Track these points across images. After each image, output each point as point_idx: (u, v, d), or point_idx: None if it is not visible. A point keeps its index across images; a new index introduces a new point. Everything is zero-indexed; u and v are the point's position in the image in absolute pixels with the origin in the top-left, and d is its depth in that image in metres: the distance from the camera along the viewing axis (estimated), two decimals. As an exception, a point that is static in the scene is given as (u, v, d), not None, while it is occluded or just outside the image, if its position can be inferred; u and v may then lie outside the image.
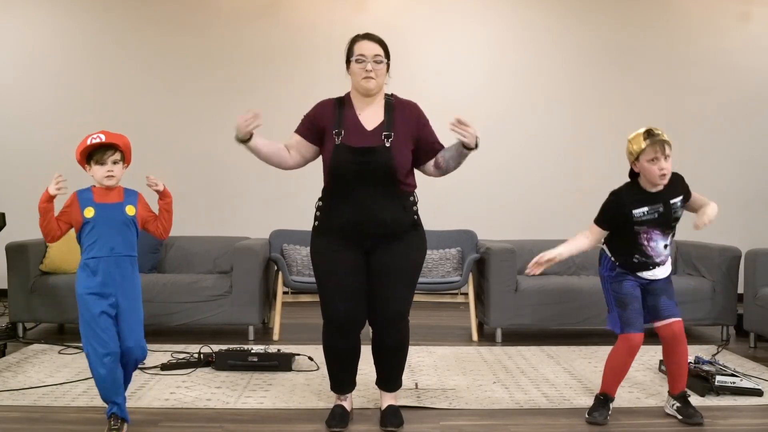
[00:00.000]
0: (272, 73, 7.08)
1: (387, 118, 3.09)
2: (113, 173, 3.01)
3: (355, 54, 3.07)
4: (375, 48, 3.06)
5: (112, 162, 3.00)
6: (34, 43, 7.04)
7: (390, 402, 3.29)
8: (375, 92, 3.10)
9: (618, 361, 3.30)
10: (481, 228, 6.11)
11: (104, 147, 2.99)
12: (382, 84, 3.11)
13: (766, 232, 7.05)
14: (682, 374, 3.33)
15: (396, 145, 3.04)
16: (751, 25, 7.22)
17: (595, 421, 3.25)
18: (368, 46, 3.06)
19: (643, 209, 3.21)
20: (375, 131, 3.07)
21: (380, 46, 3.08)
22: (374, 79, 3.05)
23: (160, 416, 3.31)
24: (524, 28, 7.19)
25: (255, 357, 4.13)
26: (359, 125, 3.08)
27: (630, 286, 3.28)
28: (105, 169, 2.99)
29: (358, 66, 3.06)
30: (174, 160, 7.06)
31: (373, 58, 3.04)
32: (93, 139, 2.99)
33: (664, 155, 3.13)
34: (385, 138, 3.04)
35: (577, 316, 5.05)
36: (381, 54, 3.06)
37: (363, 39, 3.09)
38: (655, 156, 3.12)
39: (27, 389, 3.69)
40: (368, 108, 3.12)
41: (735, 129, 7.22)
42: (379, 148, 3.01)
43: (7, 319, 5.22)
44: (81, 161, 3.04)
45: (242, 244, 5.18)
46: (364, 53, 3.04)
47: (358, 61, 3.05)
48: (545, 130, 7.17)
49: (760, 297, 4.81)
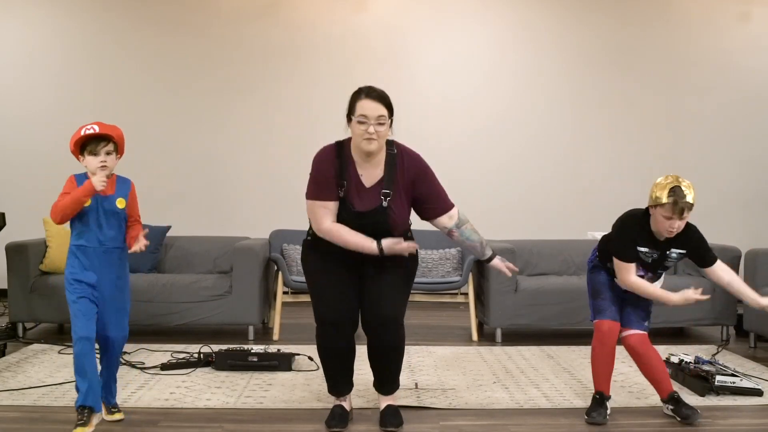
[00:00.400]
0: (272, 73, 7.08)
1: (387, 174, 3.05)
2: (106, 163, 3.04)
3: (357, 114, 2.95)
4: (378, 109, 2.95)
5: (105, 153, 3.04)
6: (34, 43, 7.04)
7: (389, 402, 3.29)
8: (377, 153, 3.04)
9: (595, 351, 3.35)
10: (481, 228, 6.05)
11: (98, 138, 3.04)
12: (382, 144, 3.03)
13: (766, 232, 7.05)
14: (659, 379, 3.35)
15: (394, 204, 3.03)
16: (751, 25, 7.22)
17: (595, 421, 3.25)
18: (371, 107, 2.95)
19: (644, 249, 3.25)
20: (373, 189, 3.04)
21: (384, 106, 2.98)
22: (376, 140, 2.96)
23: (159, 416, 3.31)
24: (524, 28, 7.19)
25: (255, 357, 4.13)
26: (359, 182, 3.05)
27: (605, 278, 3.39)
28: (98, 159, 3.03)
29: (359, 127, 2.95)
30: (174, 160, 7.06)
31: (376, 120, 2.94)
32: (87, 130, 3.03)
33: (680, 218, 3.10)
34: (384, 197, 3.02)
35: (577, 316, 5.05)
36: (384, 115, 2.96)
37: (366, 98, 2.97)
38: (672, 216, 3.09)
39: (27, 389, 3.69)
40: (368, 164, 3.07)
41: (735, 129, 7.21)
42: (377, 209, 3.01)
43: (6, 319, 5.22)
44: (74, 151, 3.09)
45: (242, 244, 5.18)
46: (367, 114, 2.94)
47: (360, 122, 2.95)
48: (545, 130, 7.17)
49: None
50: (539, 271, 5.56)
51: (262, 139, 7.03)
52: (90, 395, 3.00)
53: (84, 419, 2.97)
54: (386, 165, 3.06)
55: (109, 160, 3.05)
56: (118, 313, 3.15)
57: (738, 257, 5.12)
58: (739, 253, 5.13)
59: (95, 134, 3.03)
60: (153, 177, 6.97)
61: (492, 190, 7.12)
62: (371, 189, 3.04)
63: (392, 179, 3.05)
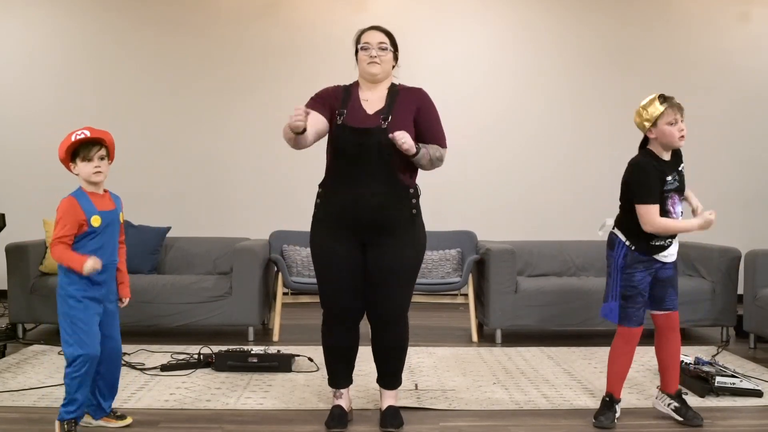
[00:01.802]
0: (272, 73, 7.08)
1: (388, 102, 3.15)
2: (101, 169, 2.96)
3: (362, 42, 3.18)
4: (380, 36, 3.17)
5: (99, 158, 2.96)
6: (34, 43, 7.04)
7: (390, 402, 3.30)
8: (380, 78, 3.17)
9: (616, 352, 3.30)
10: (481, 229, 6.11)
11: (90, 143, 2.95)
12: (387, 71, 3.18)
13: (766, 233, 7.04)
14: (676, 367, 3.34)
15: (393, 127, 3.05)
16: (750, 25, 7.21)
17: (602, 425, 3.22)
18: (373, 35, 3.18)
19: (672, 176, 3.21)
20: (375, 114, 3.13)
21: (385, 35, 3.18)
22: (379, 64, 3.13)
23: (160, 417, 3.32)
24: (524, 28, 7.18)
25: (255, 358, 4.13)
26: (362, 109, 3.15)
27: (641, 278, 3.21)
28: (92, 165, 2.95)
29: (363, 53, 3.16)
30: (174, 160, 7.06)
31: (377, 45, 3.14)
32: (78, 135, 2.94)
33: (682, 118, 3.17)
34: (383, 120, 3.08)
35: (577, 317, 5.05)
36: (386, 42, 3.16)
37: (369, 29, 3.21)
38: (675, 117, 3.15)
39: (27, 390, 3.69)
40: (372, 94, 3.19)
41: (735, 129, 7.21)
42: (375, 128, 3.06)
43: (7, 319, 5.22)
44: (65, 159, 2.99)
45: (242, 245, 5.18)
46: (369, 41, 3.16)
47: (363, 48, 3.16)
48: (545, 130, 7.17)
49: (760, 298, 4.81)
50: (539, 271, 5.56)
51: (262, 139, 7.03)
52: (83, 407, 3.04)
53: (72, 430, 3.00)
54: (388, 96, 3.17)
55: (102, 166, 2.97)
56: (118, 323, 3.17)
57: (738, 258, 5.12)
58: (739, 254, 5.13)
59: (87, 139, 2.94)
60: (153, 177, 6.98)
61: (492, 190, 7.12)
62: (373, 115, 3.12)
63: (392, 106, 3.14)
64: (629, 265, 3.22)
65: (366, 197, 3.05)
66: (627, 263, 3.22)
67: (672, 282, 3.30)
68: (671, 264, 3.29)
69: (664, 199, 3.18)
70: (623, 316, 3.24)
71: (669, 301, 3.29)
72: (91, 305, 3.00)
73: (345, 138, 3.09)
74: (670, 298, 3.29)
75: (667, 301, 3.29)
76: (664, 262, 3.26)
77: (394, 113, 3.11)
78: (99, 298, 3.02)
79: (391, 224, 3.10)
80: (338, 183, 3.12)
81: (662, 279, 3.28)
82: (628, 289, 3.22)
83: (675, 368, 3.35)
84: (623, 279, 3.22)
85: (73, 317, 2.97)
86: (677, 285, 3.34)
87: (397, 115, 3.11)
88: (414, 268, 3.21)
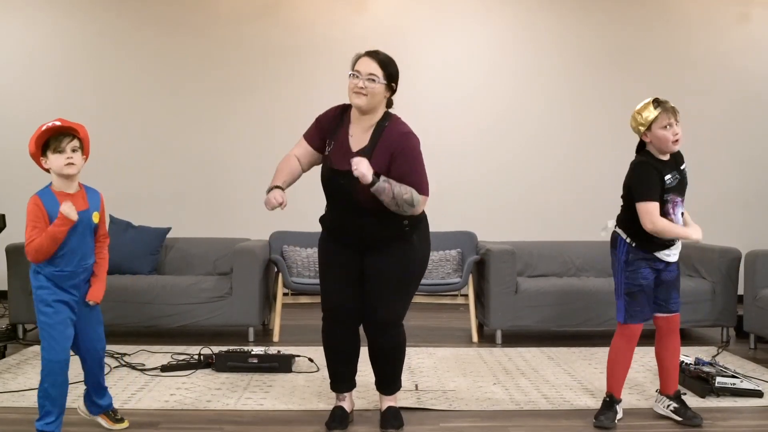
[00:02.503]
0: (272, 73, 7.08)
1: (370, 143, 3.05)
2: (73, 161, 2.77)
3: (354, 68, 3.04)
4: (372, 66, 3.00)
5: (71, 149, 2.78)
6: (34, 43, 7.04)
7: (390, 404, 3.30)
8: (365, 110, 3.04)
9: (617, 351, 3.31)
10: (481, 229, 6.11)
11: (61, 134, 2.77)
12: (373, 104, 3.02)
13: (766, 233, 7.04)
14: (675, 368, 3.35)
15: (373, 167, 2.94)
16: (750, 26, 7.21)
17: (602, 425, 3.22)
18: (366, 63, 3.01)
19: (671, 175, 3.21)
20: (358, 153, 3.04)
21: (377, 65, 3.01)
22: (364, 96, 2.99)
23: (160, 418, 3.31)
24: (524, 28, 7.18)
25: (255, 358, 4.13)
26: (346, 144, 3.08)
27: (645, 275, 3.23)
28: (64, 156, 2.76)
29: (351, 81, 3.02)
30: (174, 160, 7.06)
31: (366, 76, 2.98)
32: (48, 125, 2.78)
33: (676, 121, 3.18)
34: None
35: (577, 317, 5.05)
36: (376, 74, 2.99)
37: (365, 55, 3.05)
38: (669, 122, 3.17)
39: (27, 391, 3.69)
40: (358, 127, 3.10)
41: (735, 130, 7.21)
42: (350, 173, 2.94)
43: (7, 320, 5.22)
44: (35, 153, 2.80)
45: (242, 246, 5.18)
46: (359, 69, 3.01)
47: (352, 76, 3.02)
48: (545, 130, 7.17)
49: (760, 298, 4.81)
50: (539, 272, 5.56)
51: (262, 139, 7.02)
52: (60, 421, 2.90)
53: None
54: (373, 134, 3.06)
55: (75, 158, 2.78)
56: (98, 326, 3.03)
57: (738, 258, 5.12)
58: (739, 255, 5.13)
59: (58, 128, 2.76)
60: (153, 178, 6.98)
61: (492, 190, 7.12)
62: (355, 153, 3.04)
63: (373, 148, 3.03)
64: (631, 261, 3.23)
65: (355, 226, 3.10)
66: (629, 260, 3.24)
67: (675, 284, 3.31)
68: (674, 265, 3.30)
69: (664, 201, 3.18)
70: (629, 314, 3.25)
71: (673, 304, 3.30)
72: (63, 309, 2.85)
73: (328, 176, 3.11)
74: (673, 301, 3.30)
75: (671, 304, 3.30)
76: (668, 261, 3.26)
77: (375, 154, 3.01)
78: (69, 302, 2.87)
79: (386, 241, 3.12)
80: (332, 208, 3.20)
81: (665, 281, 3.28)
82: (632, 287, 3.23)
83: (674, 369, 3.36)
84: (627, 277, 3.24)
85: (42, 322, 2.85)
86: (680, 287, 3.35)
87: (377, 157, 3.00)
88: (409, 279, 3.19)
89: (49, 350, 2.85)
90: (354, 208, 3.06)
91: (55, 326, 2.85)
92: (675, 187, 3.22)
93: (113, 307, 4.75)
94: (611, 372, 3.34)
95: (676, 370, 3.36)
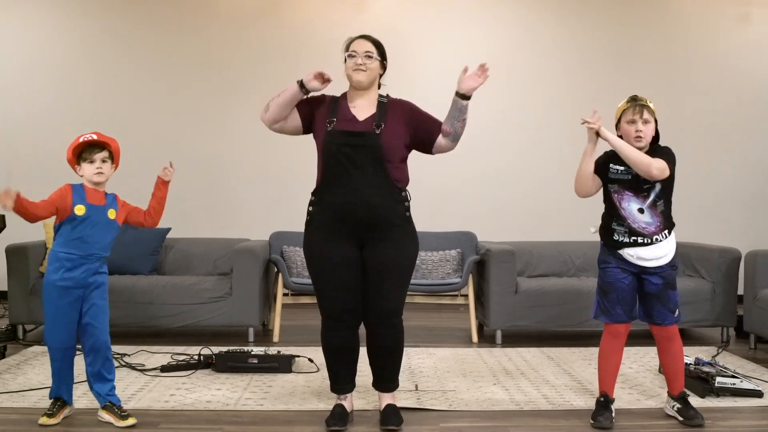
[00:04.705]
0: (272, 74, 7.06)
1: (378, 112, 3.19)
2: (102, 170, 3.15)
3: (349, 50, 3.21)
4: (367, 45, 3.20)
5: (101, 160, 3.15)
6: (34, 43, 7.04)
7: (389, 401, 3.30)
8: (365, 86, 3.20)
9: (605, 349, 3.34)
10: (481, 229, 6.11)
11: (94, 145, 3.15)
12: (372, 79, 3.21)
13: (766, 233, 7.04)
14: (678, 372, 3.34)
15: (386, 134, 3.12)
16: (750, 26, 7.22)
17: (602, 426, 3.21)
18: (361, 43, 3.21)
19: (619, 167, 3.25)
20: (366, 121, 3.16)
21: (373, 45, 3.21)
22: (364, 71, 3.16)
23: (160, 418, 3.31)
24: (524, 28, 7.19)
25: (255, 359, 4.13)
26: (351, 116, 3.19)
27: (615, 275, 3.27)
28: (94, 166, 3.14)
29: (350, 60, 3.19)
30: (173, 160, 7.01)
31: (364, 54, 3.17)
32: (85, 137, 3.14)
33: (641, 118, 3.22)
34: (376, 126, 3.13)
35: (577, 317, 5.05)
36: (372, 51, 3.19)
37: (357, 38, 3.24)
38: (633, 118, 3.23)
39: (27, 391, 3.69)
40: (361, 102, 3.22)
41: (734, 130, 7.21)
42: (369, 133, 3.11)
43: (7, 320, 5.22)
44: (71, 160, 3.17)
45: (242, 246, 5.18)
46: (356, 49, 3.19)
47: (350, 56, 3.19)
48: (545, 130, 7.17)
49: (760, 298, 4.81)
50: (539, 272, 5.56)
51: (262, 140, 7.00)
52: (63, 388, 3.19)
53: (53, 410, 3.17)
54: (378, 106, 3.22)
55: (104, 168, 3.16)
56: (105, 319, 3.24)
57: (738, 259, 5.12)
58: (739, 255, 5.13)
59: (92, 141, 3.13)
60: (153, 178, 6.93)
61: (492, 190, 7.12)
62: (364, 121, 3.17)
63: (384, 115, 3.18)
64: (602, 260, 3.35)
65: (361, 197, 3.09)
66: (600, 258, 3.36)
67: (659, 298, 3.25)
68: (659, 278, 3.24)
69: (608, 191, 3.30)
70: (601, 310, 3.31)
71: (656, 316, 3.27)
72: (68, 294, 3.10)
73: (337, 141, 3.12)
74: (658, 314, 3.26)
75: (654, 316, 3.28)
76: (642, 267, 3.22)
77: (387, 122, 3.15)
78: (75, 287, 3.11)
79: (387, 223, 3.14)
80: (333, 186, 3.14)
81: (648, 293, 3.27)
82: (604, 284, 3.31)
83: (676, 372, 3.35)
84: (600, 276, 3.36)
85: (47, 306, 3.12)
86: (669, 300, 3.26)
87: (389, 124, 3.15)
88: (409, 267, 3.24)
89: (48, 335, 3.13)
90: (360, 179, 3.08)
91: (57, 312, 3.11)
92: (626, 182, 3.23)
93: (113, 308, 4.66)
94: (601, 370, 3.36)
95: (678, 372, 3.35)
